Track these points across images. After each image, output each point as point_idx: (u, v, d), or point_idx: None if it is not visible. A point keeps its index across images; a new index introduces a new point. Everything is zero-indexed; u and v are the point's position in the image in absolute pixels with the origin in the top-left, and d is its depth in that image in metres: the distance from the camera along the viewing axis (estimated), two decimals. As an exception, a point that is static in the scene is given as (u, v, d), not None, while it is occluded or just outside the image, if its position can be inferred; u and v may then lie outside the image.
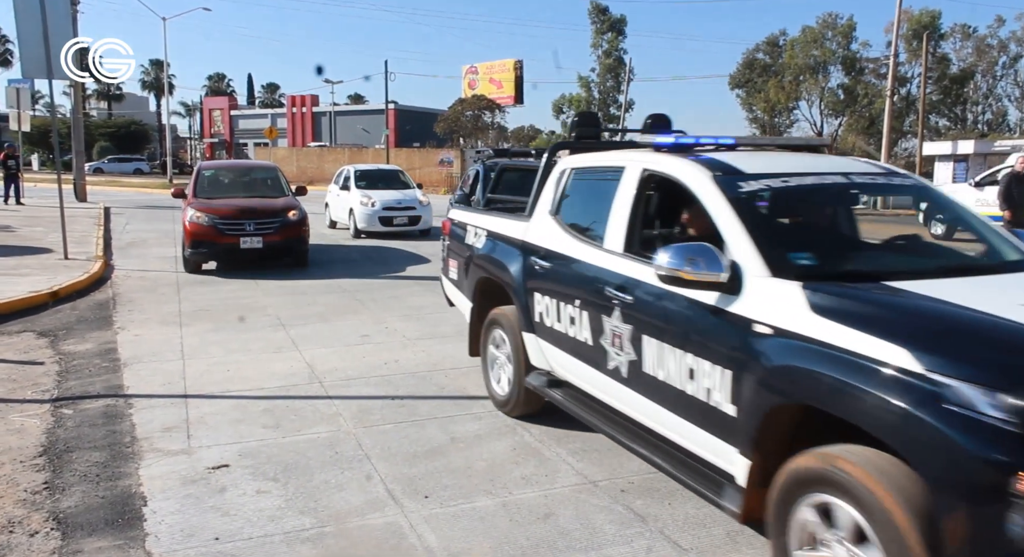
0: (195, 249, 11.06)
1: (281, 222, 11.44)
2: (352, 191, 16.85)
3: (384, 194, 16.56)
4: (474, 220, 5.79)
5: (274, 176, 13.28)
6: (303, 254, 11.83)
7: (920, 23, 49.44)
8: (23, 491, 3.99)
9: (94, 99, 76.58)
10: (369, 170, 18.65)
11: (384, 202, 16.20)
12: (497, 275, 5.21)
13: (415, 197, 16.94)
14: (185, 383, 5.91)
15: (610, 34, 58.26)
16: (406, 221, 16.32)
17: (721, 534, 3.57)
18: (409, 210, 16.44)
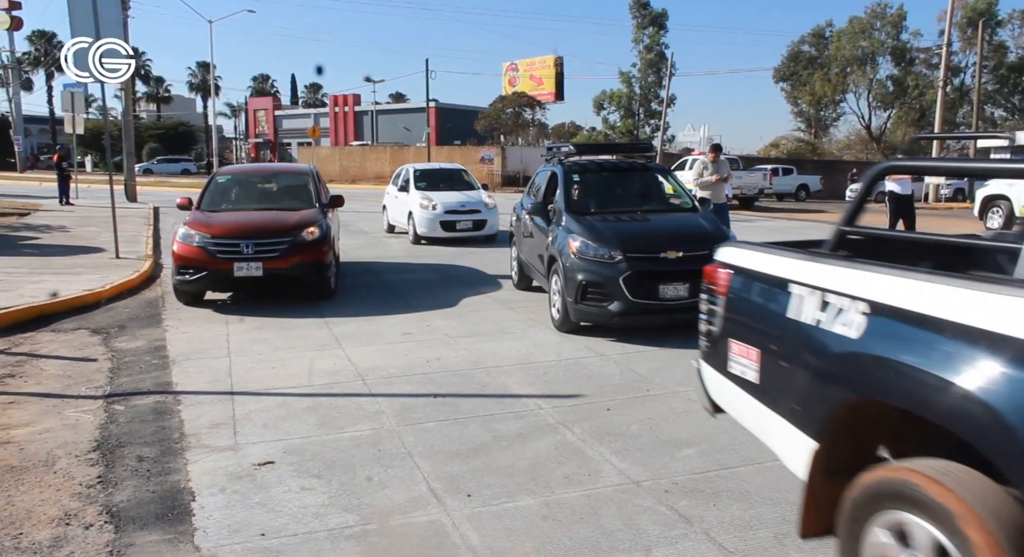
0: (181, 276, 8.70)
1: (290, 243, 8.70)
2: (411, 193, 15.46)
3: (446, 196, 15.11)
4: (815, 275, 2.77)
5: (303, 183, 10.52)
6: (324, 283, 9.14)
7: (975, 10, 47.84)
8: (78, 484, 4.10)
9: (144, 101, 78.60)
10: (430, 170, 17.00)
11: (446, 205, 14.77)
12: (939, 408, 2.14)
13: (480, 199, 15.36)
14: (231, 380, 6.01)
15: (651, 29, 57.65)
16: (470, 226, 14.85)
17: (768, 537, 3.50)
18: (474, 213, 14.95)
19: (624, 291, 6.88)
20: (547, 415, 5.15)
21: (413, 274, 11.52)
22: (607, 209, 8.10)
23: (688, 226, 7.86)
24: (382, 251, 14.58)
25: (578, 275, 7.08)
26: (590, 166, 8.93)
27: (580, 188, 8.43)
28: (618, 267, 6.95)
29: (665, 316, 7.11)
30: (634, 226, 7.72)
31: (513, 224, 10.19)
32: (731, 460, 4.37)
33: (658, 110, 55.48)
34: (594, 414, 5.16)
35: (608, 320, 7.03)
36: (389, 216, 17.24)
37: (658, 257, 7.02)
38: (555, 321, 7.64)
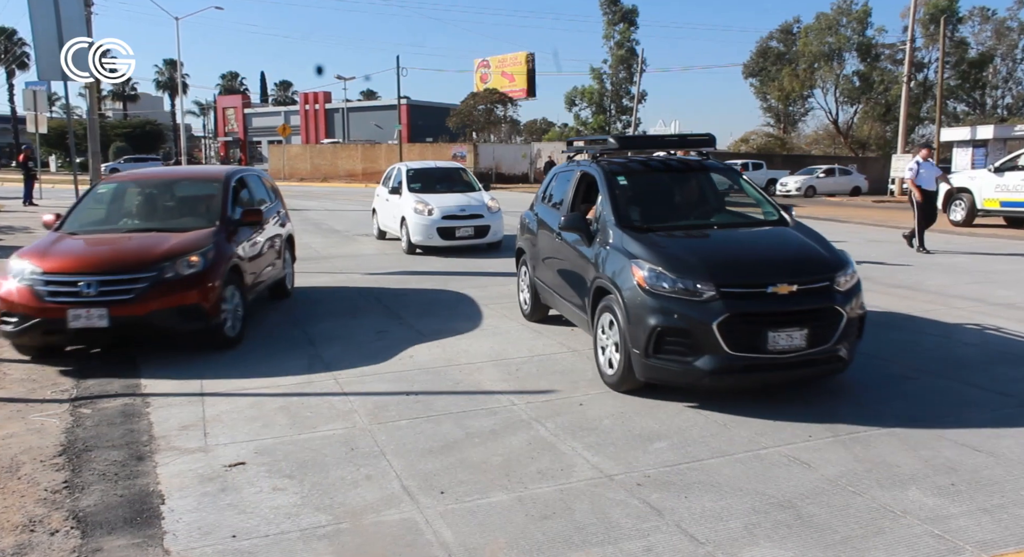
0: (4, 325, 6.35)
1: (152, 280, 6.29)
2: (404, 196, 13.56)
3: (444, 199, 13.28)
4: None
5: (209, 193, 7.82)
6: (214, 331, 6.65)
7: (937, 7, 48.71)
8: (43, 490, 4.03)
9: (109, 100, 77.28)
10: (425, 169, 14.89)
11: (444, 210, 12.92)
12: None
13: (482, 202, 13.54)
14: (202, 382, 5.94)
15: (621, 25, 57.93)
16: (471, 233, 13.04)
17: (738, 527, 3.55)
18: (475, 219, 13.10)
19: (719, 341, 4.87)
20: (520, 411, 5.17)
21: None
22: (669, 223, 6.13)
23: (793, 247, 5.77)
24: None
25: (649, 318, 5.06)
26: (636, 166, 6.83)
27: (629, 195, 6.36)
28: (710, 307, 4.93)
29: (775, 374, 5.13)
30: (721, 247, 5.77)
31: (521, 237, 8.23)
32: (702, 452, 4.42)
33: (629, 106, 55.79)
34: (567, 409, 5.19)
35: (696, 381, 5.08)
36: (379, 221, 15.46)
37: (765, 292, 5.03)
38: (607, 376, 5.63)
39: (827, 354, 5.08)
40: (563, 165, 7.85)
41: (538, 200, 8.03)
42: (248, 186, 8.59)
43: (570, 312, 6.68)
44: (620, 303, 5.33)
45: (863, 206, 28.79)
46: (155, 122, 71.45)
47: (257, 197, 8.75)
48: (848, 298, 5.18)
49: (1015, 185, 17.05)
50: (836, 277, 5.21)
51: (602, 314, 5.68)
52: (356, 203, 27.86)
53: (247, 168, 9.90)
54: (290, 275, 9.53)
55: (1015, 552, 3.32)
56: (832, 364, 5.20)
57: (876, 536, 3.45)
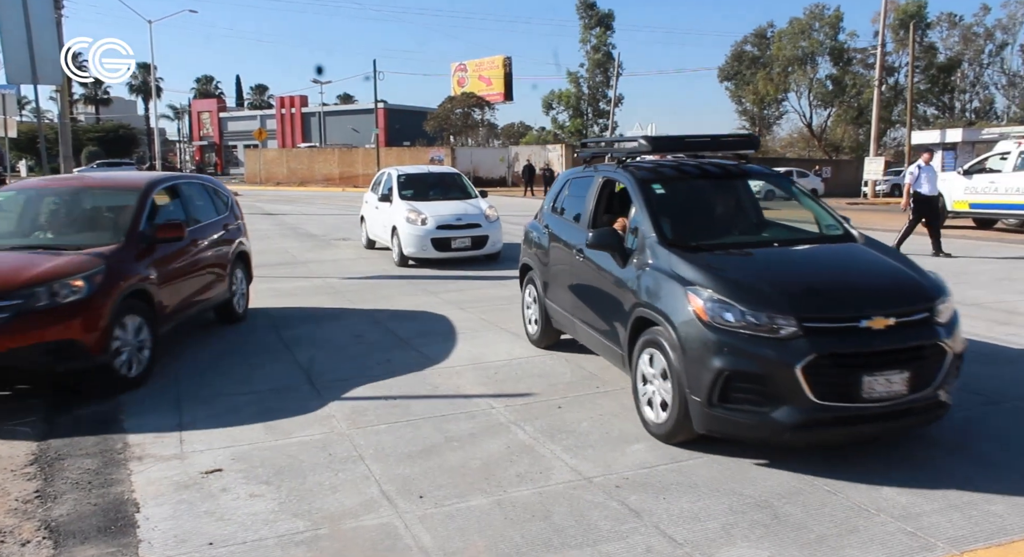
0: None
1: (16, 310, 5.17)
2: (395, 203, 12.69)
3: (438, 208, 12.40)
4: None
5: (122, 204, 6.68)
6: (101, 372, 5.53)
7: (907, 12, 49.59)
8: (14, 500, 3.96)
9: (81, 103, 76.21)
10: (418, 175, 14.06)
11: (439, 219, 12.03)
12: None
13: (480, 210, 12.58)
14: (178, 387, 5.87)
15: (598, 29, 58.27)
16: (468, 244, 12.16)
17: (716, 527, 3.58)
18: (472, 228, 12.21)
19: (804, 388, 4.00)
20: (499, 414, 5.17)
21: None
22: (718, 239, 5.30)
23: (881, 270, 4.87)
24: (331, 262, 14.38)
25: (713, 359, 4.16)
26: (670, 171, 5.89)
27: (668, 206, 5.42)
28: (792, 346, 4.05)
29: (869, 427, 4.22)
30: (795, 271, 4.83)
31: (527, 252, 7.23)
32: (679, 454, 4.45)
33: (606, 109, 56.09)
34: (545, 412, 5.20)
35: (773, 436, 4.17)
36: (368, 229, 14.49)
37: (858, 327, 4.15)
38: (653, 425, 4.70)
39: (928, 400, 4.22)
40: (576, 170, 6.91)
41: (546, 210, 7.05)
42: (181, 197, 7.42)
43: (596, 343, 5.72)
44: (672, 339, 4.40)
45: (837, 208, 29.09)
46: (128, 126, 70.56)
47: (194, 209, 7.51)
48: (950, 331, 4.38)
49: (983, 187, 17.38)
50: (936, 306, 4.41)
51: (644, 350, 4.74)
52: (333, 207, 27.74)
53: (188, 175, 9.17)
54: (242, 296, 8.40)
55: (986, 548, 3.38)
56: (933, 412, 4.32)
57: (850, 534, 3.50)
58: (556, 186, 7.23)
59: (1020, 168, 16.68)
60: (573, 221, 6.35)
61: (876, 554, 3.33)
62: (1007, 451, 4.46)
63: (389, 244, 12.81)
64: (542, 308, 6.74)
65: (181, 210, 7.29)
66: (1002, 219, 18.05)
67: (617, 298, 5.17)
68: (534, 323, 7.01)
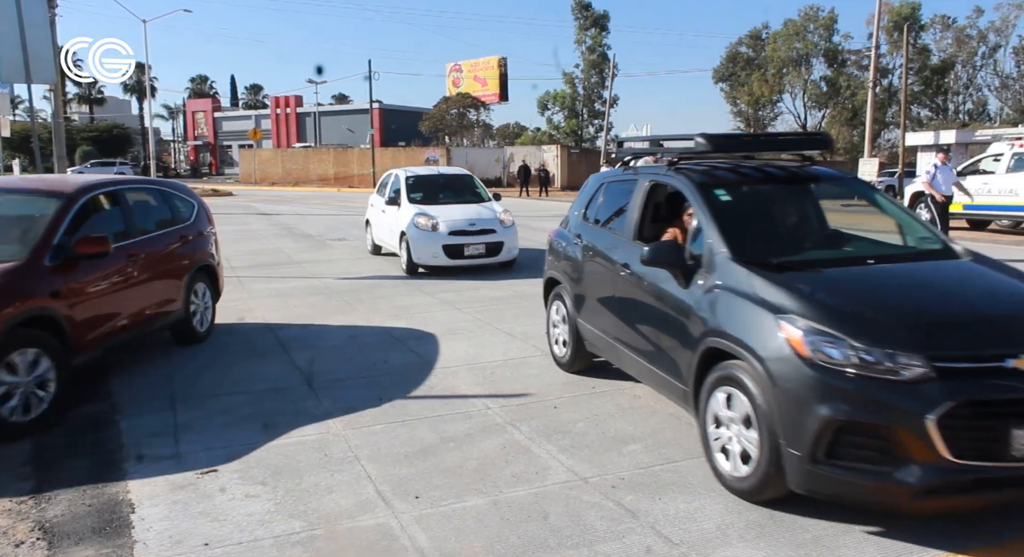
0: None
1: None
2: (404, 207, 11.90)
3: (450, 212, 11.62)
4: None
5: (42, 212, 5.72)
6: None
7: (900, 14, 49.76)
8: (8, 501, 3.94)
9: (75, 103, 75.91)
10: (427, 177, 13.23)
11: (451, 224, 11.26)
12: None
13: (494, 215, 11.80)
14: (173, 387, 5.86)
15: (593, 30, 58.28)
16: (482, 251, 11.35)
17: (712, 528, 3.58)
18: (486, 235, 11.41)
19: (936, 443, 3.25)
20: (495, 415, 5.17)
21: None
22: (802, 256, 4.62)
23: (1010, 294, 4.09)
24: (326, 262, 14.36)
25: (819, 405, 3.43)
26: (730, 175, 5.14)
27: (737, 216, 4.70)
28: (921, 391, 3.32)
29: (1016, 492, 3.47)
30: (909, 295, 4.00)
31: (553, 264, 6.49)
32: (676, 454, 4.46)
33: (601, 110, 56.13)
34: (541, 412, 5.20)
35: (897, 501, 3.39)
36: (374, 234, 13.62)
37: (1003, 367, 3.39)
38: (732, 479, 3.92)
39: None
40: (611, 173, 6.25)
41: (576, 218, 6.30)
42: (122, 205, 6.49)
43: (646, 374, 4.92)
44: (760, 376, 3.63)
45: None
46: (123, 126, 70.28)
47: (138, 219, 6.66)
48: None
49: (977, 189, 17.44)
50: None
51: (719, 388, 3.96)
52: (328, 207, 27.72)
53: (137, 179, 8.17)
54: (204, 314, 7.47)
55: (983, 548, 3.40)
56: None
57: (846, 534, 3.50)
58: (586, 191, 6.41)
59: (1013, 170, 16.76)
60: (613, 232, 5.61)
61: (872, 553, 3.35)
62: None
63: (396, 250, 12.03)
64: (573, 329, 5.96)
65: (120, 220, 6.38)
66: (995, 220, 18.13)
67: (677, 324, 4.39)
68: (563, 344, 6.23)
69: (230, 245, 15.17)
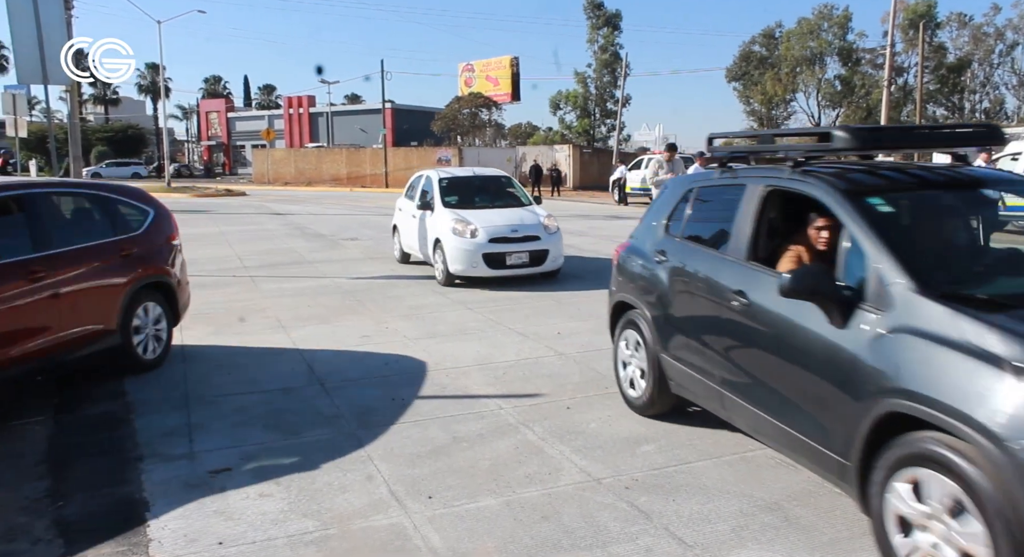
0: None
1: None
2: (438, 212, 10.90)
3: (489, 217, 10.61)
4: None
5: None
6: None
7: (916, 12, 49.36)
8: (25, 498, 3.98)
9: (91, 104, 76.57)
10: (462, 178, 12.19)
11: (491, 231, 10.25)
12: None
13: (537, 220, 10.74)
14: (186, 387, 5.89)
15: (605, 29, 58.17)
16: (526, 259, 10.32)
17: (726, 530, 3.56)
18: (530, 242, 10.39)
19: None
20: (507, 415, 5.16)
21: None
22: (1001, 286, 3.65)
23: None
24: (339, 262, 14.40)
25: None
26: (878, 180, 4.09)
27: (904, 234, 3.81)
28: None
29: None
30: None
31: (625, 285, 5.40)
32: (689, 455, 4.43)
33: (614, 110, 56.01)
34: (554, 413, 5.19)
35: None
36: (402, 241, 12.56)
37: None
38: None
39: None
40: (703, 176, 5.16)
41: (654, 230, 5.16)
42: (28, 214, 5.44)
43: (775, 434, 3.82)
44: (998, 464, 2.60)
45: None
46: (137, 126, 70.82)
47: (54, 230, 5.63)
48: None
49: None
50: None
51: (906, 469, 2.96)
52: (341, 207, 27.81)
53: (58, 182, 7.05)
54: (156, 339, 6.46)
55: (999, 551, 3.35)
56: None
57: (863, 537, 3.47)
58: (667, 199, 5.26)
59: (1031, 169, 16.58)
60: (714, 250, 4.52)
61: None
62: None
63: (428, 259, 11.10)
64: (654, 365, 4.84)
65: (23, 230, 5.36)
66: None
67: (829, 374, 3.38)
68: (640, 384, 5.08)
69: (243, 244, 15.24)
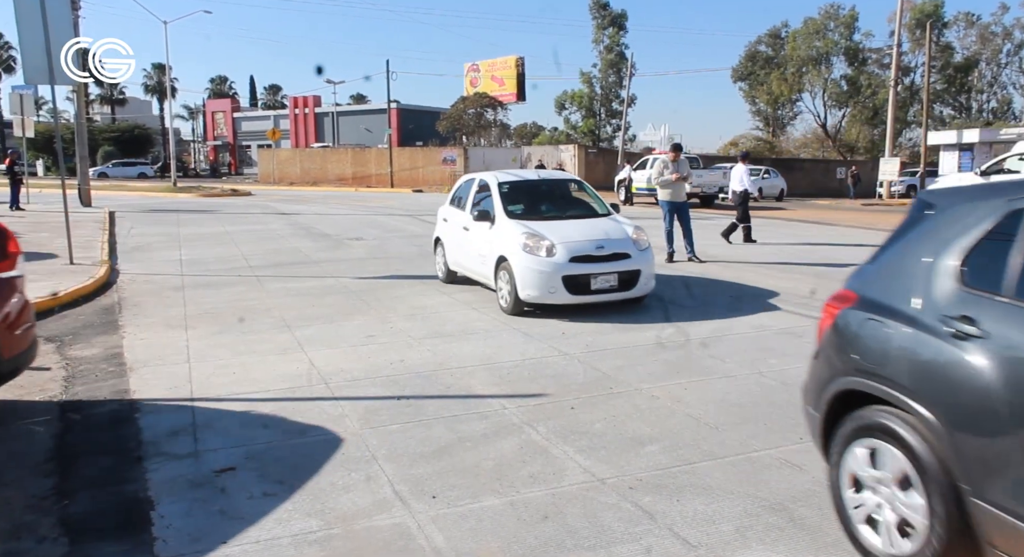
0: None
1: None
2: (501, 224, 8.91)
3: (566, 230, 8.61)
4: None
5: None
6: None
7: (923, 12, 49.18)
8: (31, 496, 3.99)
9: (97, 104, 76.84)
10: (526, 182, 10.01)
11: (572, 247, 8.26)
12: None
13: (625, 234, 8.74)
14: (191, 386, 5.90)
15: (611, 29, 58.16)
16: (614, 283, 8.29)
17: (730, 530, 3.55)
18: (619, 260, 8.36)
19: None
20: (512, 415, 5.16)
21: None
22: None
23: None
24: (344, 261, 14.43)
25: None
26: None
27: None
28: None
29: None
30: None
31: (866, 365, 3.28)
32: (694, 456, 4.43)
33: (619, 110, 55.95)
34: (558, 413, 5.19)
35: None
36: (448, 256, 10.38)
37: None
38: None
39: None
40: (1014, 187, 3.21)
41: (932, 273, 3.12)
42: None
43: None
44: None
45: (852, 209, 28.96)
46: (144, 126, 71.10)
47: None
48: None
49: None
50: None
51: None
52: (346, 207, 27.83)
53: None
54: None
55: (1004, 553, 3.33)
56: None
57: (867, 538, 3.46)
58: (950, 221, 3.24)
59: (1039, 169, 16.50)
60: None
61: (893, 558, 3.29)
62: None
63: (485, 280, 9.24)
64: (952, 508, 2.84)
65: None
66: None
67: None
68: (898, 537, 3.11)
69: (248, 244, 15.27)
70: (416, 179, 45.57)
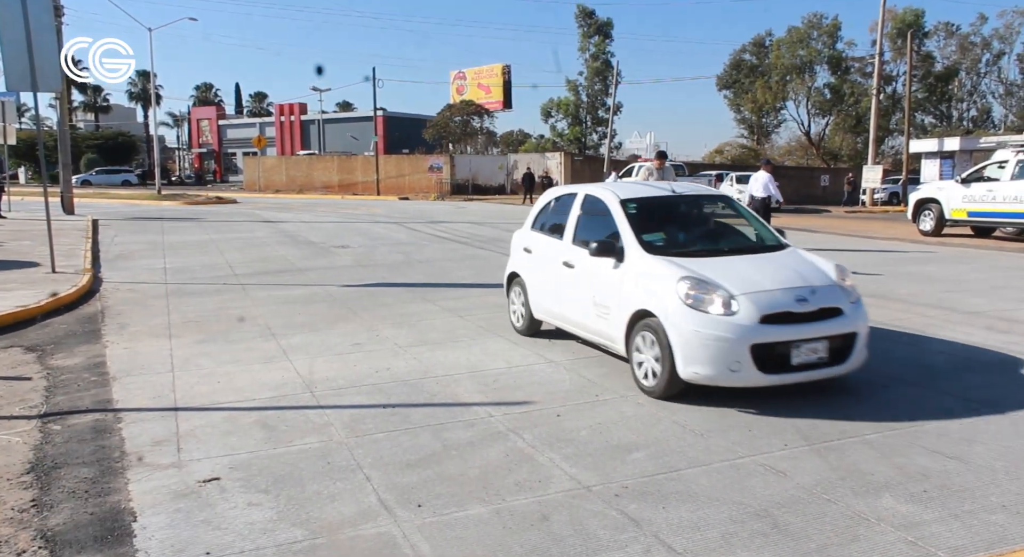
0: None
1: None
2: (634, 259, 6.08)
3: (743, 272, 5.78)
4: None
5: None
6: None
7: (904, 22, 49.81)
8: (10, 509, 3.94)
9: (81, 111, 76.29)
10: (659, 200, 7.07)
11: (764, 301, 5.42)
12: None
13: (826, 277, 5.90)
14: (175, 396, 5.86)
15: (597, 37, 58.48)
16: (824, 356, 5.47)
17: (716, 536, 3.56)
18: (828, 320, 5.53)
19: None
20: (497, 422, 5.15)
21: None
22: None
23: None
24: (329, 269, 14.38)
25: None
26: None
27: None
28: None
29: None
30: None
31: None
32: (679, 463, 4.44)
33: (605, 117, 56.20)
34: (544, 420, 5.18)
35: None
36: (533, 300, 7.56)
37: None
38: None
39: None
40: None
41: None
42: None
43: None
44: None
45: (837, 217, 29.20)
46: (128, 134, 70.62)
47: None
48: None
49: (981, 196, 17.42)
50: None
51: None
52: (333, 215, 27.75)
53: None
54: None
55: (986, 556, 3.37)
56: None
57: (851, 543, 3.48)
58: None
59: (1018, 177, 16.73)
60: None
61: (877, 564, 3.32)
62: (1006, 459, 4.45)
63: (611, 343, 6.27)
64: None
65: None
66: (1000, 227, 18.10)
67: None
68: None
69: (234, 252, 15.18)
70: (403, 187, 45.53)
